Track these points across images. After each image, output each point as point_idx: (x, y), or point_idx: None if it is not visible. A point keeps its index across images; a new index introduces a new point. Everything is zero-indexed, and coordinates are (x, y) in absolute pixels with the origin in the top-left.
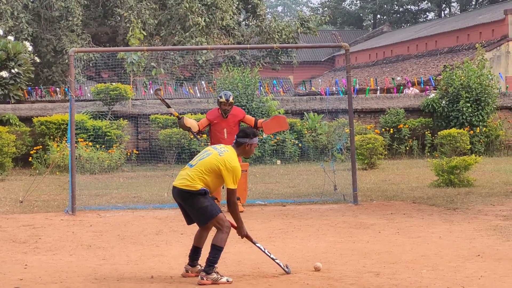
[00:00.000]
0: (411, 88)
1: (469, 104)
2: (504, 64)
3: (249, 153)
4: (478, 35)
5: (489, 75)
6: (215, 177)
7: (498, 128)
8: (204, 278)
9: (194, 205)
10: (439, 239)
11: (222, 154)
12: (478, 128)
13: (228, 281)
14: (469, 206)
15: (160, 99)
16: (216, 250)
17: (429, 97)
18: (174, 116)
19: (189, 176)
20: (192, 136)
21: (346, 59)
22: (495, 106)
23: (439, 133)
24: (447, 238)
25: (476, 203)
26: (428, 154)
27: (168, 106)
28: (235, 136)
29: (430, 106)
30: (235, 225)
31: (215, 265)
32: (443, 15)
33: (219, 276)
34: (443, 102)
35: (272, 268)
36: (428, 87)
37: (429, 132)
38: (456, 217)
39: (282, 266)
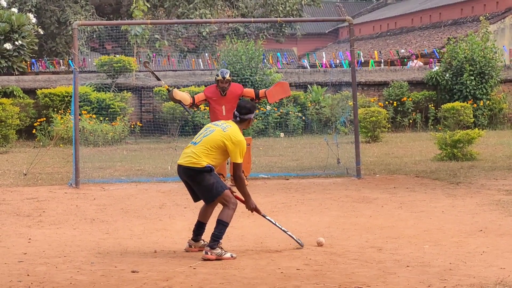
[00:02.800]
0: (415, 61)
1: (472, 77)
2: (508, 36)
3: (249, 125)
4: (483, 7)
5: (493, 48)
6: (220, 153)
7: (501, 101)
8: (209, 253)
9: (201, 183)
10: (441, 213)
11: (226, 130)
12: (482, 101)
13: (232, 256)
14: (472, 181)
15: (149, 71)
16: (222, 226)
17: (433, 70)
18: (164, 88)
19: (194, 154)
20: (182, 109)
21: (350, 33)
22: (499, 79)
23: (442, 106)
24: (450, 213)
25: (479, 177)
26: (432, 127)
27: (158, 79)
28: (235, 112)
29: (434, 79)
30: (243, 199)
31: (220, 241)
32: None
33: (223, 251)
34: (447, 75)
35: (275, 242)
36: (432, 59)
37: (432, 105)
38: (459, 191)
39: (295, 239)
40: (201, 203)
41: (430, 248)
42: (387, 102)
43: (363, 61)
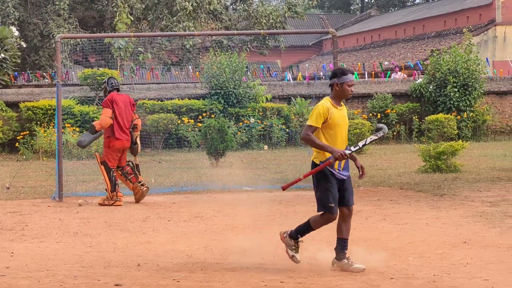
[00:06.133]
0: (398, 73)
1: (456, 89)
2: (491, 48)
3: (343, 93)
4: (466, 19)
5: (476, 60)
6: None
7: (485, 113)
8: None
9: None
10: (426, 225)
11: None
12: (466, 113)
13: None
14: (456, 192)
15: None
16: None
17: (417, 82)
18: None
19: None
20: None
21: (333, 45)
22: (482, 91)
23: (426, 118)
24: (434, 225)
25: (463, 189)
26: (416, 139)
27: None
28: None
29: (418, 91)
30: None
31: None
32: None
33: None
34: (431, 87)
35: (259, 255)
36: (415, 71)
37: (416, 117)
38: (443, 203)
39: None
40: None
41: (414, 260)
42: (371, 114)
43: None
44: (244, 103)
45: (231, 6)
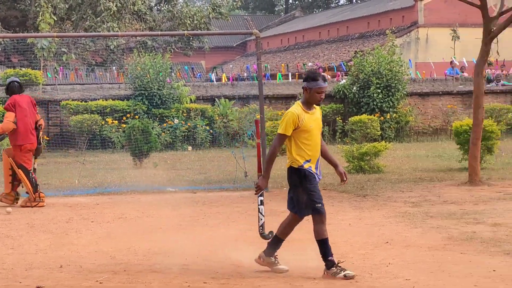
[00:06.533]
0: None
1: (379, 90)
2: (414, 50)
3: (311, 98)
4: (389, 21)
5: (399, 62)
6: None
7: (408, 114)
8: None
9: None
10: (348, 226)
11: None
12: (389, 114)
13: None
14: (379, 193)
15: None
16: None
17: (340, 83)
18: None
19: None
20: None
21: (257, 47)
22: (405, 92)
23: (350, 119)
24: (357, 225)
25: (385, 190)
26: (339, 140)
27: None
28: None
29: (341, 92)
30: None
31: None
32: (354, 0)
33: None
34: (354, 88)
35: (183, 257)
36: (339, 72)
37: (340, 118)
38: (365, 204)
39: (260, 225)
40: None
41: (337, 260)
42: None
43: (270, 74)
44: (168, 104)
45: (155, 7)
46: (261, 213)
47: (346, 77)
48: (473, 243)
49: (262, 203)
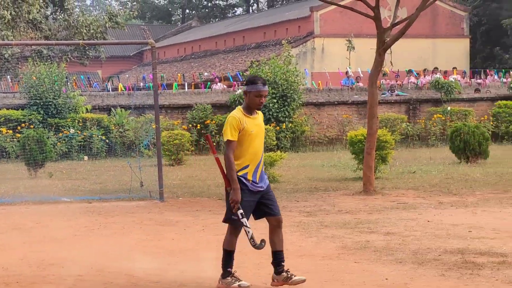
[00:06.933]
0: (218, 84)
1: (275, 100)
2: (310, 60)
3: (251, 102)
4: (285, 31)
5: (295, 71)
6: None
7: (303, 123)
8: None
9: None
10: (243, 236)
11: None
12: (284, 124)
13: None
14: None
15: None
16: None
17: (236, 92)
18: None
19: None
20: None
21: (152, 56)
22: (300, 102)
23: None
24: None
25: (281, 199)
26: None
27: None
28: None
29: (237, 101)
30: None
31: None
32: (251, 10)
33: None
34: None
35: (77, 268)
36: (235, 82)
37: None
38: None
39: (249, 237)
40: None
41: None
42: (191, 125)
43: (166, 84)
44: (63, 113)
45: (51, 16)
46: (246, 226)
47: (242, 87)
48: (366, 252)
49: (243, 215)
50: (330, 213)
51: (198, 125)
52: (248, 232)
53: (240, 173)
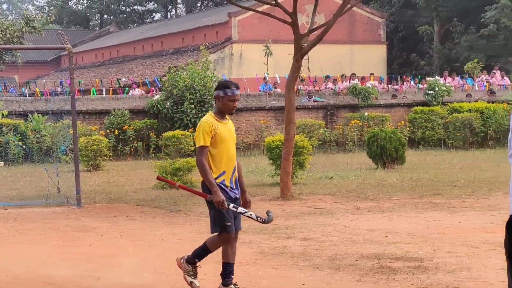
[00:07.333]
0: (136, 89)
1: (193, 106)
2: (228, 65)
3: (224, 107)
4: (203, 37)
5: (213, 77)
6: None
7: None
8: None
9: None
10: (161, 241)
11: None
12: None
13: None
14: (192, 208)
15: None
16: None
17: (154, 98)
18: None
19: None
20: None
21: (69, 61)
22: None
23: (163, 134)
24: (169, 241)
25: (198, 205)
26: (153, 155)
27: None
28: None
29: (155, 107)
30: (199, 193)
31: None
32: (169, 16)
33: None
34: (168, 103)
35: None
36: (153, 88)
37: (154, 133)
38: (178, 219)
39: (255, 218)
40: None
41: (150, 276)
42: (108, 131)
43: (84, 90)
44: None
45: None
46: (243, 212)
47: (160, 92)
48: (284, 257)
49: (236, 208)
50: (247, 218)
51: (116, 130)
52: (251, 214)
53: (218, 180)
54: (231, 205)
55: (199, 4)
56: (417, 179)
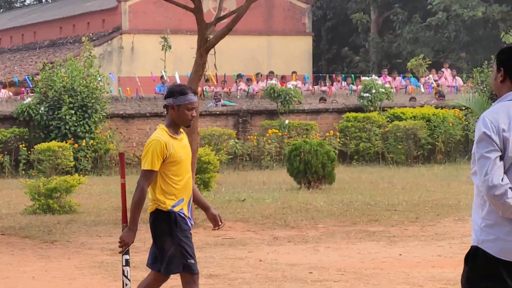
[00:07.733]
0: (2, 91)
1: (73, 111)
2: (116, 61)
3: (180, 118)
4: (86, 25)
5: (97, 76)
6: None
7: (108, 140)
8: None
9: None
10: (32, 280)
11: None
12: (84, 140)
13: None
14: (71, 238)
15: None
16: None
17: (25, 102)
18: None
19: None
20: None
21: None
22: (104, 114)
23: (36, 146)
24: (42, 279)
25: (79, 234)
26: (23, 172)
27: None
28: None
29: (26, 113)
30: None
31: None
32: (44, 0)
33: None
34: (42, 108)
35: None
36: (24, 89)
37: (24, 145)
38: (54, 252)
39: None
40: None
41: None
42: None
43: None
44: None
45: None
46: (127, 277)
47: (32, 94)
48: None
49: (127, 263)
50: (140, 250)
51: None
52: (126, 285)
53: (176, 209)
54: (126, 258)
55: None
56: (349, 202)
